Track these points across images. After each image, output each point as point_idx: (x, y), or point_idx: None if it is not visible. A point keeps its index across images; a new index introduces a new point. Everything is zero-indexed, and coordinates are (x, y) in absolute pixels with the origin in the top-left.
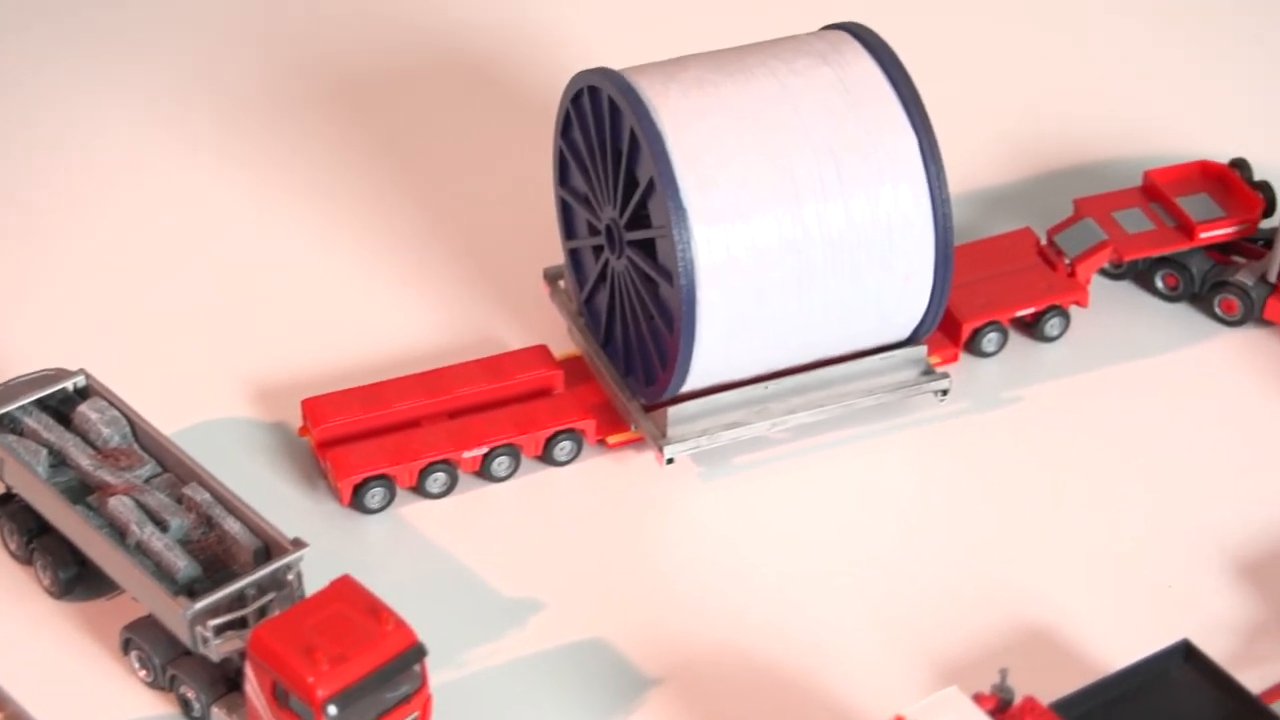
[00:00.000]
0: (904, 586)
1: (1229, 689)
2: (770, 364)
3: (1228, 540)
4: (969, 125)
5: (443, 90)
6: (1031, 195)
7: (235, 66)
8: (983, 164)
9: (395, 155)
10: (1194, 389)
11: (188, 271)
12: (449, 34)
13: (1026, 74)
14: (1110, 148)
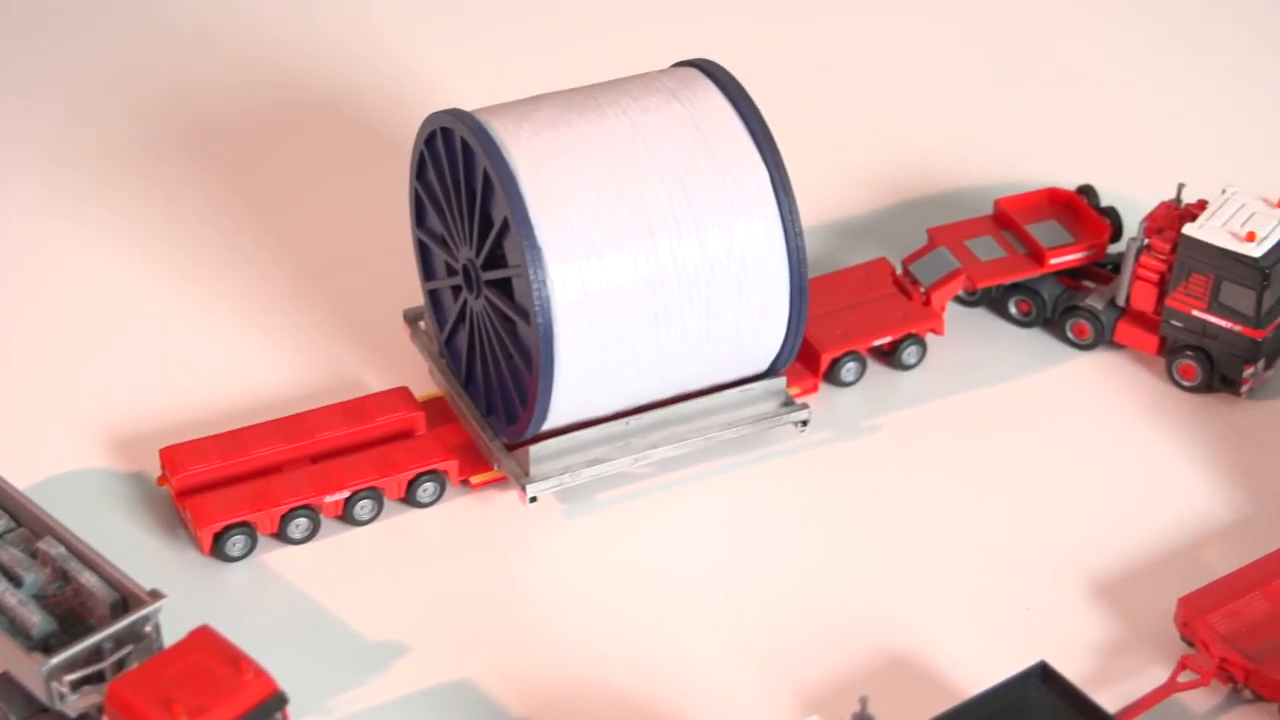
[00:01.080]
0: (768, 617)
1: (1086, 709)
2: (630, 400)
3: (1085, 561)
4: (823, 158)
5: (298, 132)
6: (886, 225)
7: (89, 109)
8: (838, 196)
9: (251, 198)
10: (1049, 413)
11: (39, 319)
12: (304, 76)
13: (878, 106)
14: (961, 177)
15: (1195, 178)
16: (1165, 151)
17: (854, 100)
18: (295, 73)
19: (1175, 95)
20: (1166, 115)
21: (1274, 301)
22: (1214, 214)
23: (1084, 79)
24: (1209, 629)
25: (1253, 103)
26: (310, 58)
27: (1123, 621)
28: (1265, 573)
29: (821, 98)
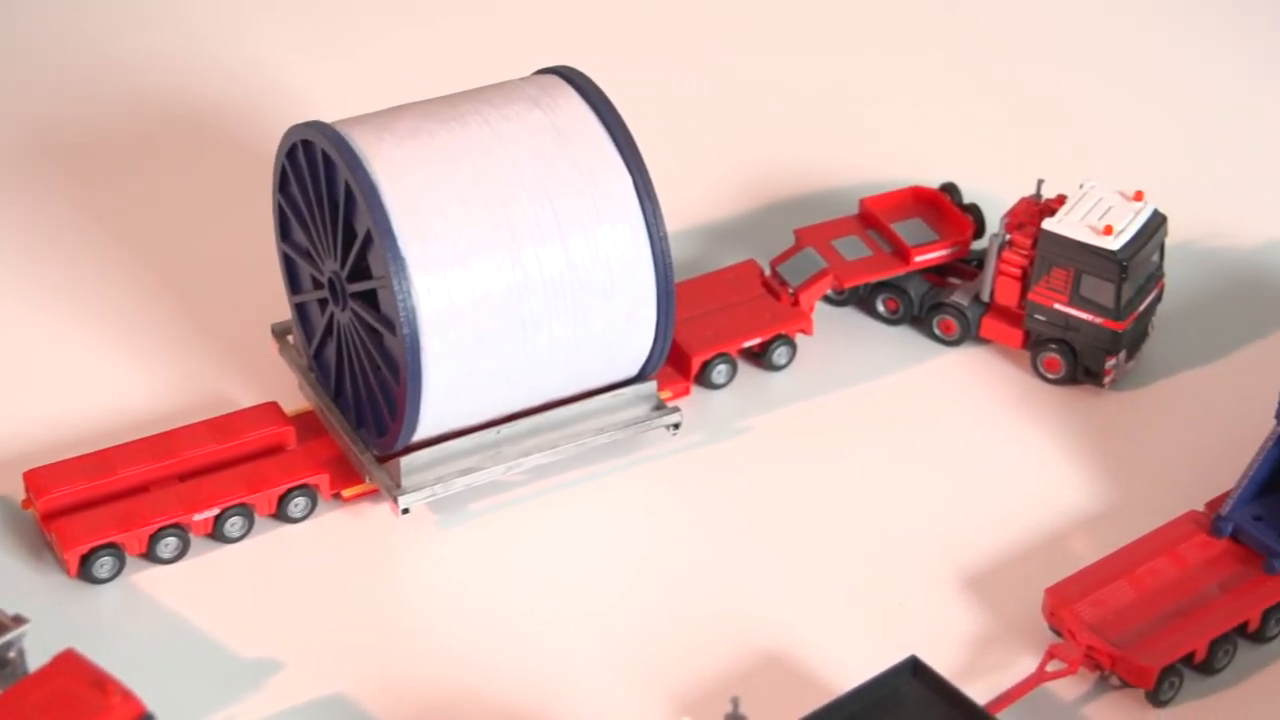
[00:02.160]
0: (643, 621)
1: (956, 701)
2: (501, 408)
3: (955, 555)
4: (690, 162)
5: (159, 149)
6: (754, 227)
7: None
8: (705, 199)
9: (113, 215)
10: (918, 409)
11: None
12: (163, 91)
13: (744, 109)
14: (827, 177)
15: (1055, 173)
16: (1025, 148)
17: (720, 104)
18: (153, 88)
19: (1033, 92)
20: (1026, 112)
21: (1133, 293)
22: (1073, 208)
23: (944, 79)
24: (1075, 618)
25: (1109, 98)
26: (169, 73)
27: (993, 613)
28: (1129, 560)
29: (687, 102)
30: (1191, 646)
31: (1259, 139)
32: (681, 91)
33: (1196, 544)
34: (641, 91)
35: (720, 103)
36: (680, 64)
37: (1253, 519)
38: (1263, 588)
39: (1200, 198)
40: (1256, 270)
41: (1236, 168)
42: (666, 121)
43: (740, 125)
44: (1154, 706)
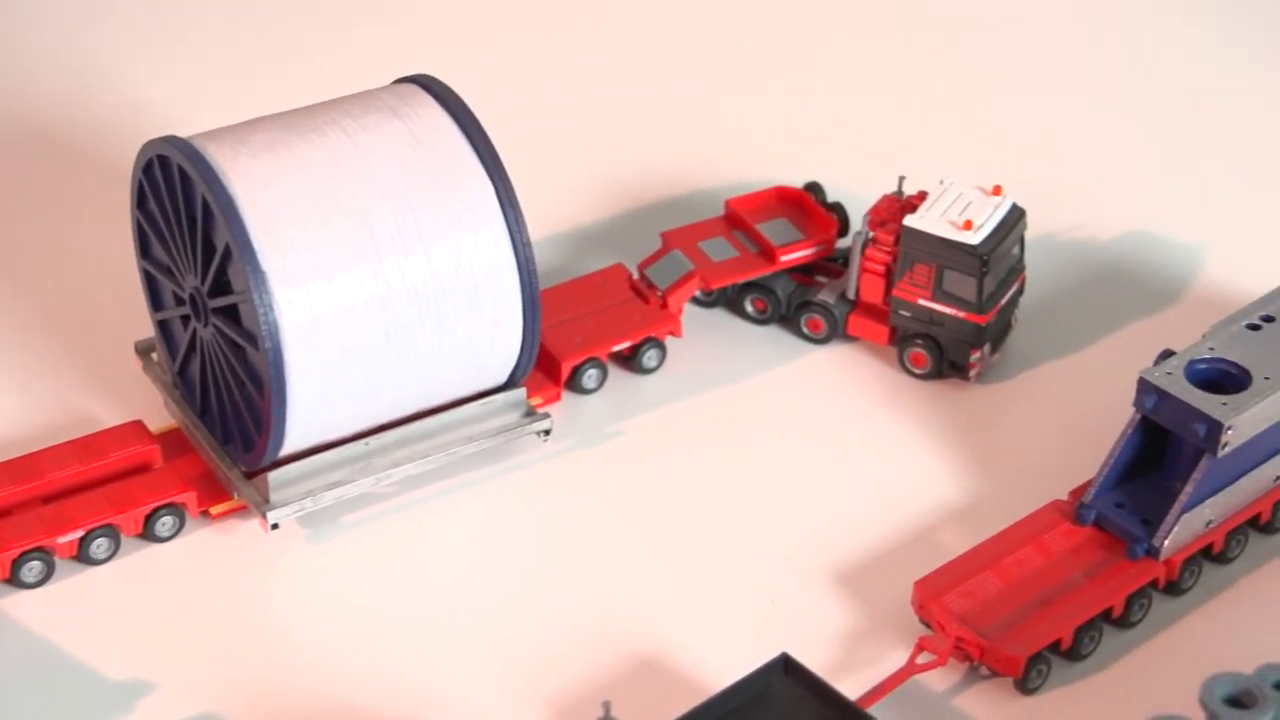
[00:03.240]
0: (518, 628)
1: (827, 697)
2: (369, 420)
3: (827, 551)
4: (555, 167)
5: (16, 164)
6: (621, 231)
7: None
8: (571, 205)
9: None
10: (788, 407)
11: None
12: (17, 105)
13: (607, 114)
14: (692, 180)
15: (916, 170)
16: (887, 145)
17: (583, 109)
18: (7, 104)
19: (894, 90)
20: (886, 110)
21: (995, 287)
22: (933, 204)
23: (806, 78)
24: (944, 610)
25: (968, 94)
26: (24, 88)
27: (864, 608)
28: (996, 551)
29: (550, 108)
30: (1058, 634)
31: (1114, 132)
32: (544, 97)
33: (1061, 533)
34: (502, 99)
35: (583, 108)
36: (542, 70)
37: (1115, 506)
38: (1126, 573)
39: (1059, 191)
40: (1115, 261)
41: (1094, 160)
42: (529, 128)
43: (604, 130)
44: (1022, 695)
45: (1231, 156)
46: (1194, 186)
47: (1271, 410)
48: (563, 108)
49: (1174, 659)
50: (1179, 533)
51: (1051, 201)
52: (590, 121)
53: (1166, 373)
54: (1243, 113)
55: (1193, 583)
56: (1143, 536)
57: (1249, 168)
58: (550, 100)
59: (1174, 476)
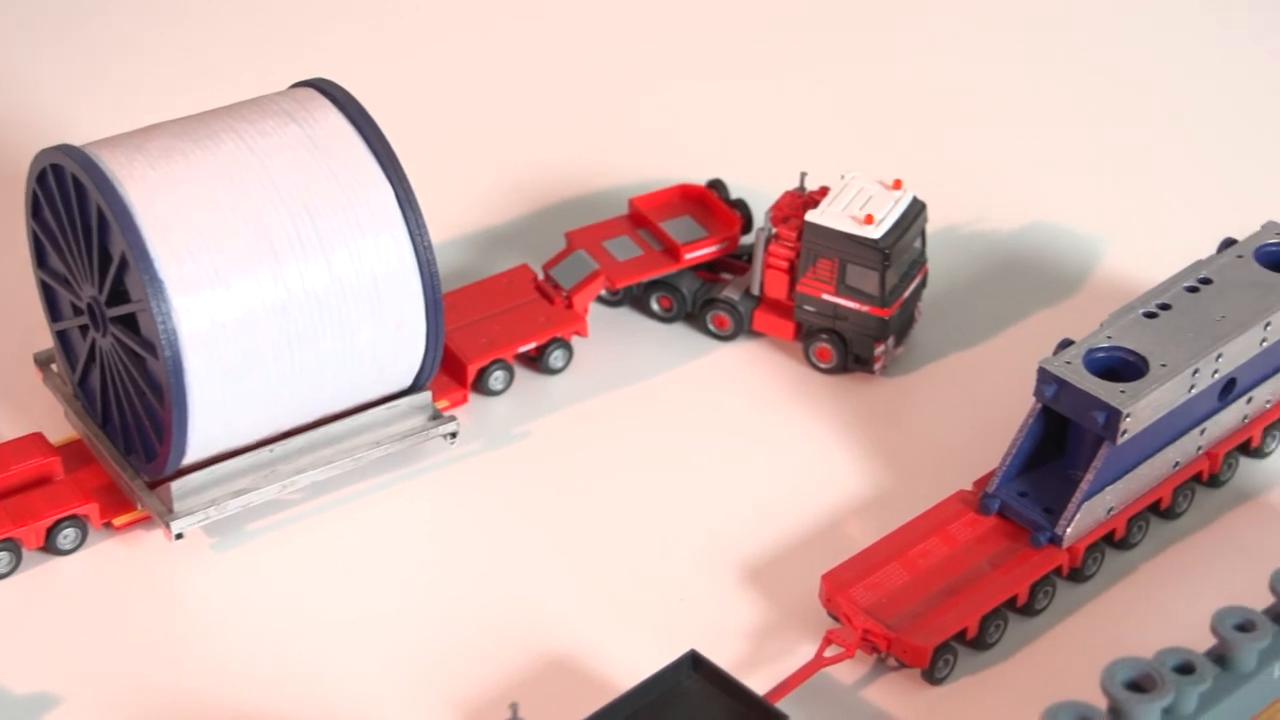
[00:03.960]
0: (428, 631)
1: (736, 692)
2: (273, 427)
3: (736, 547)
4: (458, 169)
5: None
6: (525, 232)
7: None
8: (476, 207)
9: None
10: (696, 404)
11: None
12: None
13: (509, 115)
14: (596, 179)
15: (817, 166)
16: (788, 142)
17: (485, 110)
18: None
19: (795, 86)
20: (788, 106)
21: (898, 280)
22: (834, 199)
23: (708, 76)
24: (851, 602)
25: (869, 90)
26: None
27: (773, 603)
28: (902, 543)
29: (452, 110)
30: (963, 624)
31: (1013, 126)
32: (447, 99)
33: (966, 523)
34: (403, 101)
35: (485, 109)
36: (444, 72)
37: (1018, 495)
38: (1030, 562)
39: (960, 184)
40: (1015, 253)
41: (994, 154)
42: (431, 130)
43: (506, 131)
44: (930, 685)
45: (1128, 148)
46: (1092, 178)
47: (1168, 397)
48: (465, 109)
49: (1078, 646)
50: (1081, 520)
51: (953, 195)
52: (493, 123)
53: (1066, 362)
54: (1137, 104)
55: (1096, 569)
56: (1046, 525)
57: (1145, 159)
58: (453, 102)
59: (1075, 465)
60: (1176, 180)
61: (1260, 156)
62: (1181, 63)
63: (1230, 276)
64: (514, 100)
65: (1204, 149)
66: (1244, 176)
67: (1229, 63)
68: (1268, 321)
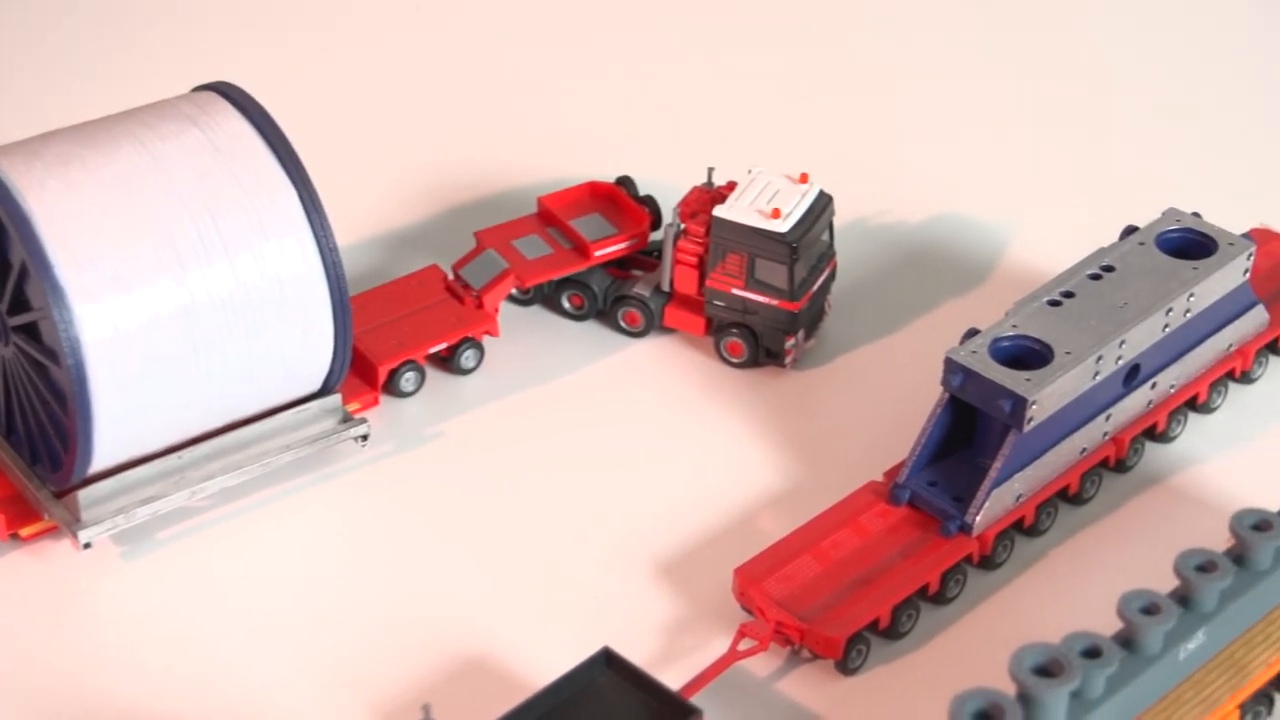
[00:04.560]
0: (343, 634)
1: (649, 688)
2: (180, 433)
3: (650, 543)
4: (365, 171)
5: None
6: (435, 233)
7: None
8: (383, 207)
9: None
10: (608, 401)
11: None
12: None
13: (416, 115)
14: (504, 178)
15: (725, 161)
16: (696, 137)
17: (391, 111)
18: None
19: (701, 82)
20: (695, 102)
21: (806, 273)
22: (742, 194)
23: (614, 74)
24: (764, 595)
25: (775, 84)
26: None
27: (687, 598)
28: (814, 535)
29: (356, 111)
30: (875, 614)
31: (919, 117)
32: (353, 101)
33: (877, 513)
34: (306, 104)
35: (392, 110)
36: (347, 74)
37: (928, 484)
38: (940, 551)
39: (867, 177)
40: (923, 244)
41: (900, 146)
42: (337, 132)
43: (414, 132)
44: (844, 675)
45: (1032, 138)
46: (997, 168)
47: (1073, 384)
48: (372, 110)
49: (990, 632)
50: (990, 508)
51: (860, 187)
52: (400, 124)
53: (972, 351)
54: (1040, 95)
55: (1006, 556)
56: (955, 514)
57: (1050, 148)
58: (359, 104)
59: (984, 453)
60: (1081, 169)
61: (1161, 144)
62: (1082, 52)
63: (1132, 263)
64: (421, 101)
65: (1107, 137)
66: (1147, 164)
67: (1128, 51)
68: (1169, 307)
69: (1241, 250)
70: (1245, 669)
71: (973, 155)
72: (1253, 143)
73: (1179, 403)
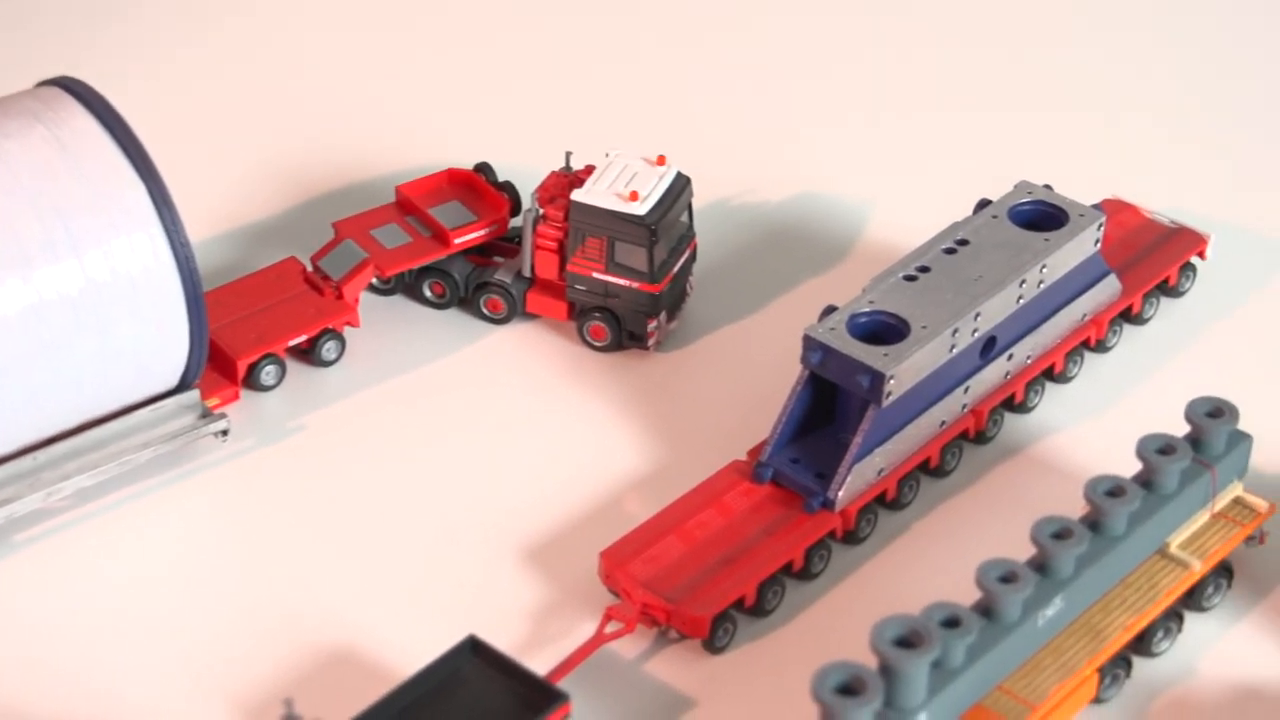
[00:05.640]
0: (204, 632)
1: (516, 674)
2: (34, 434)
3: (517, 530)
4: (219, 164)
5: None
6: (293, 225)
7: None
8: (239, 201)
9: None
10: (473, 389)
11: None
12: None
13: (270, 107)
14: (362, 168)
15: (582, 144)
16: (553, 122)
17: (245, 103)
18: None
19: (557, 65)
20: (552, 86)
21: (666, 255)
22: (599, 177)
23: (469, 60)
24: (629, 577)
25: (630, 66)
26: None
27: (554, 583)
28: (679, 515)
29: (211, 104)
30: (741, 592)
31: (776, 97)
32: (203, 93)
33: (741, 492)
34: (154, 97)
35: (243, 103)
36: (196, 66)
37: (790, 462)
38: (804, 527)
39: (725, 158)
40: (784, 223)
41: (758, 126)
42: (186, 126)
43: (267, 124)
44: (711, 654)
45: (888, 114)
46: (854, 148)
47: (930, 357)
48: (224, 104)
49: (855, 606)
50: (852, 483)
51: (718, 169)
52: (253, 116)
53: (830, 328)
54: (893, 73)
55: (869, 531)
56: (818, 490)
57: (906, 125)
58: (210, 97)
59: (845, 429)
60: (937, 145)
61: (1014, 118)
62: (934, 30)
63: (986, 236)
64: (274, 93)
65: (961, 113)
66: (1000, 138)
67: (977, 27)
68: (1022, 279)
69: (1092, 221)
70: (1103, 633)
71: (829, 135)
72: (1104, 114)
73: (1036, 373)
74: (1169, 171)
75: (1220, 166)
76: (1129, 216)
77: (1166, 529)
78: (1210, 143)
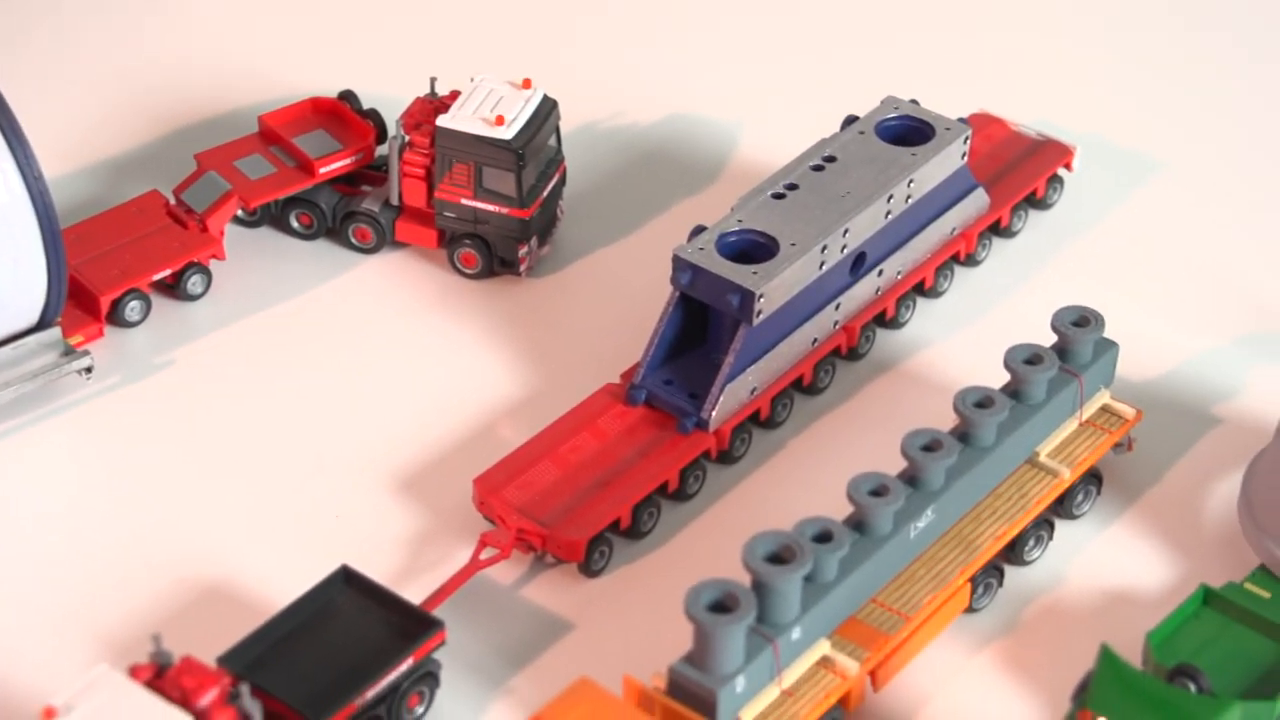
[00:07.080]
0: (72, 572)
1: (390, 603)
2: None
3: (391, 460)
4: (76, 96)
5: None
6: (155, 158)
7: None
8: (99, 134)
9: None
10: (344, 319)
11: None
12: None
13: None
14: (224, 99)
15: (448, 70)
16: (418, 47)
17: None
18: None
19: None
20: (414, 11)
21: (535, 180)
22: (465, 103)
23: None
24: (504, 503)
25: None
26: None
27: (429, 512)
28: (552, 440)
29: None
30: (616, 514)
31: (642, 16)
32: (61, 24)
33: (614, 415)
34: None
35: (100, 34)
36: None
37: (664, 383)
38: (678, 448)
39: (591, 80)
40: (654, 145)
41: (625, 47)
42: (40, 59)
43: (125, 54)
44: (587, 578)
45: (754, 34)
46: (721, 67)
47: (800, 275)
48: (79, 33)
49: (731, 526)
50: (725, 403)
51: (585, 91)
52: (110, 47)
53: (699, 248)
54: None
55: (744, 450)
56: (691, 410)
57: (771, 44)
58: (65, 26)
59: (717, 349)
60: (805, 62)
61: (882, 33)
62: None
63: (853, 152)
64: (131, 22)
65: (828, 28)
66: (868, 53)
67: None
68: (890, 194)
69: (958, 134)
70: (974, 544)
71: (696, 55)
72: (971, 29)
73: (907, 288)
74: (1035, 85)
75: (1085, 78)
76: (996, 130)
77: (1036, 438)
78: (1075, 55)
